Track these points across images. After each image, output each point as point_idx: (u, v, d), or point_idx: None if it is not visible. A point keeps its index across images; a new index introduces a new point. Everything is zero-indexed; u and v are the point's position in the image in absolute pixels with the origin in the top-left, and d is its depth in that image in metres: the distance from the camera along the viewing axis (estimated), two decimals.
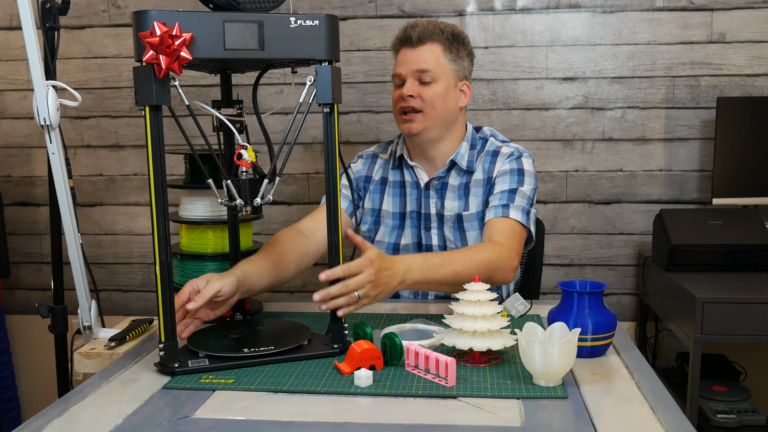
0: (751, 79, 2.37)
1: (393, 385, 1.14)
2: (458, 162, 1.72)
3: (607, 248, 2.50)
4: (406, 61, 1.68)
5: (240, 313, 1.50)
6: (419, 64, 1.66)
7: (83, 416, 1.06)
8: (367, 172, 1.84)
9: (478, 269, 1.47)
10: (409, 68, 1.67)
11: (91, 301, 1.63)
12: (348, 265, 1.31)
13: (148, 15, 1.11)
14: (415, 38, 1.66)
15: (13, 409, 2.63)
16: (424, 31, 1.66)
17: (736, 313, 1.87)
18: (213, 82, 2.54)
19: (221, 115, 1.34)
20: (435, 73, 1.66)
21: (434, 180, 1.74)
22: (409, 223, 1.76)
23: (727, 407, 2.04)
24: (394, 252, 1.77)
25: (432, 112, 1.67)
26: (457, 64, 1.70)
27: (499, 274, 1.52)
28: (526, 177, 1.69)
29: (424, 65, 1.65)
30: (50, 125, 1.50)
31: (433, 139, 1.71)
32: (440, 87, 1.67)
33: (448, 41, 1.68)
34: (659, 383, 1.16)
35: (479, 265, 1.48)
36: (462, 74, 1.72)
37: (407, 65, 1.67)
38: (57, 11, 1.65)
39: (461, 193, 1.73)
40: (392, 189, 1.80)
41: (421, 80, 1.66)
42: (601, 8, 2.38)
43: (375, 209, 1.80)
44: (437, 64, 1.66)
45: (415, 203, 1.76)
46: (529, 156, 1.74)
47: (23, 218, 2.68)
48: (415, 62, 1.66)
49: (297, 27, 1.21)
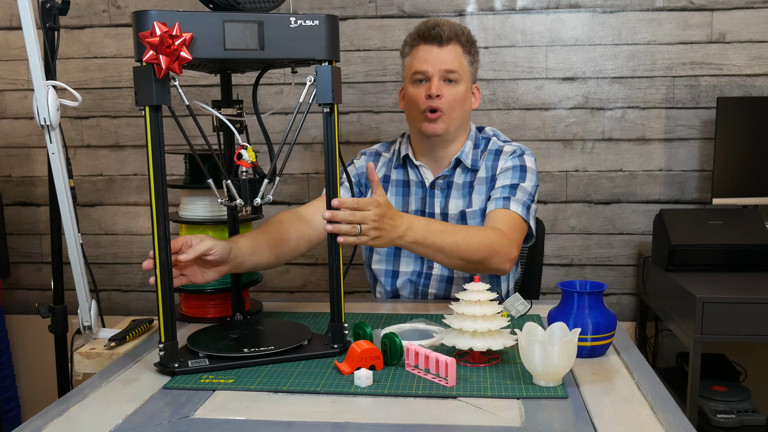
0: (751, 79, 2.37)
1: (393, 385, 1.14)
2: (463, 160, 1.73)
3: (607, 248, 2.50)
4: (433, 60, 1.66)
5: (240, 313, 1.50)
6: (447, 64, 1.65)
7: (83, 416, 1.06)
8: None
9: (477, 247, 1.48)
10: (437, 67, 1.66)
11: (91, 301, 1.63)
12: (358, 200, 1.33)
13: (148, 15, 1.11)
14: (445, 37, 1.66)
15: (13, 409, 2.63)
16: (451, 31, 1.66)
17: (736, 313, 1.87)
18: (213, 82, 2.54)
19: (221, 115, 1.34)
20: (459, 74, 1.67)
21: (440, 179, 1.74)
22: None
23: (727, 407, 2.04)
24: (396, 250, 1.77)
25: (452, 113, 1.67)
26: (473, 67, 1.72)
27: (497, 258, 1.52)
28: (528, 173, 1.70)
29: (451, 65, 1.66)
30: (50, 125, 1.50)
31: (448, 140, 1.72)
32: (462, 88, 1.68)
33: (468, 44, 1.69)
34: (659, 383, 1.16)
35: (480, 243, 1.49)
36: (475, 77, 1.74)
37: (434, 64, 1.66)
38: (57, 11, 1.64)
39: (465, 191, 1.73)
40: (395, 188, 1.80)
41: (447, 80, 1.67)
42: (601, 8, 2.38)
43: None
44: (461, 65, 1.67)
45: (420, 202, 1.76)
46: (531, 154, 1.74)
47: (23, 218, 2.68)
48: (442, 61, 1.66)
49: (297, 27, 1.21)
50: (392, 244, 1.42)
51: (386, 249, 1.78)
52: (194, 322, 1.53)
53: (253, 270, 1.52)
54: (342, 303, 1.31)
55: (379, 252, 1.80)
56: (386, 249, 1.78)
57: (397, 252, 1.77)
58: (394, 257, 1.78)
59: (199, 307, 1.55)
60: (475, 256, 1.50)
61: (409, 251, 1.74)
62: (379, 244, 1.39)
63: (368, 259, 1.83)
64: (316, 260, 2.61)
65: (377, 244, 1.38)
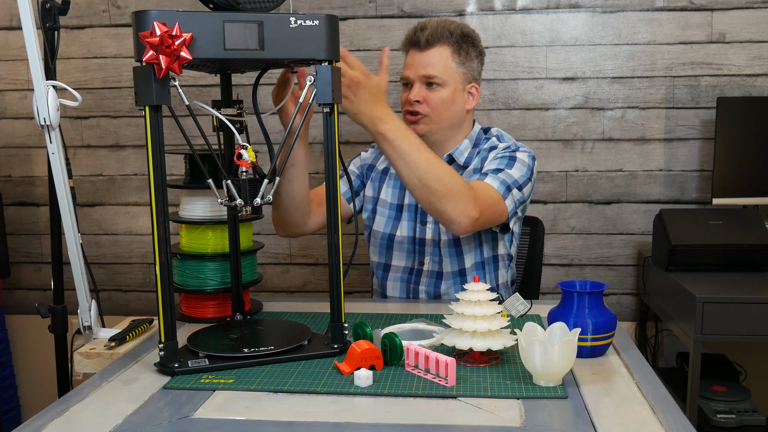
0: (751, 79, 2.37)
1: (393, 385, 1.14)
2: (456, 158, 1.72)
3: (607, 248, 2.50)
4: (414, 65, 1.67)
5: (240, 313, 1.50)
6: (426, 69, 1.66)
7: (83, 416, 1.06)
8: (372, 161, 1.86)
9: (440, 177, 1.48)
10: (417, 72, 1.67)
11: (91, 301, 1.63)
12: (355, 60, 1.44)
13: (148, 15, 1.11)
14: (423, 41, 1.65)
15: (13, 409, 2.63)
16: (433, 34, 1.65)
17: (736, 313, 1.87)
18: (213, 82, 2.54)
19: (221, 115, 1.34)
20: (442, 78, 1.66)
21: None
22: (406, 216, 1.77)
23: (727, 407, 2.04)
24: (389, 243, 1.78)
25: (437, 116, 1.67)
26: (466, 67, 1.69)
27: (453, 203, 1.48)
28: (517, 164, 1.65)
29: (431, 70, 1.65)
30: (50, 125, 1.50)
31: (437, 141, 1.71)
32: (447, 92, 1.67)
33: (457, 43, 1.67)
34: (659, 383, 1.16)
35: (444, 176, 1.48)
36: (471, 76, 1.71)
37: (415, 69, 1.67)
38: (57, 11, 1.64)
39: None
40: (392, 180, 1.80)
41: (428, 84, 1.66)
42: (601, 8, 2.38)
43: (374, 197, 1.82)
44: (445, 68, 1.66)
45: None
46: (527, 151, 1.70)
47: (23, 218, 2.68)
48: (422, 66, 1.66)
49: (297, 27, 1.21)
50: (360, 120, 1.47)
51: (382, 238, 1.78)
52: (194, 322, 1.53)
53: (281, 199, 1.61)
54: (342, 303, 1.31)
55: (374, 244, 1.82)
56: (382, 238, 1.78)
57: (389, 245, 1.77)
58: (387, 250, 1.78)
59: (199, 307, 1.55)
60: (433, 185, 1.47)
61: (403, 244, 1.75)
62: (350, 111, 1.46)
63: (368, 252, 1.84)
64: (316, 260, 2.61)
65: (348, 110, 1.46)
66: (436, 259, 1.74)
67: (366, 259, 2.58)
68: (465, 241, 1.71)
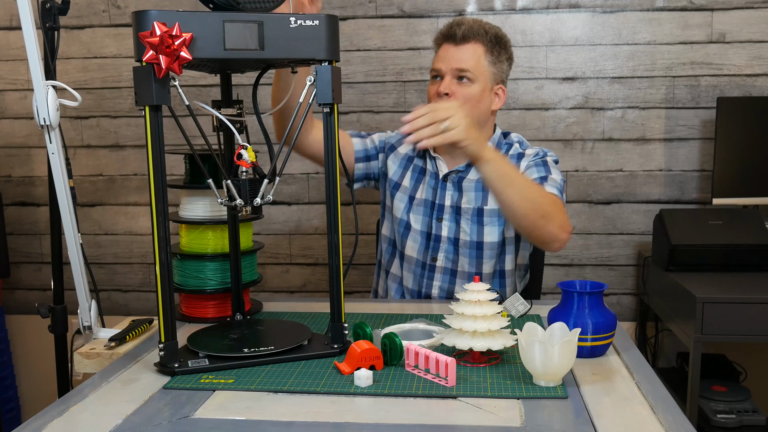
0: (751, 79, 2.37)
1: (393, 385, 1.14)
2: None
3: (607, 248, 2.50)
4: (447, 58, 1.68)
5: (240, 313, 1.50)
6: (460, 63, 1.66)
7: (83, 416, 1.06)
8: (396, 143, 1.86)
9: (545, 199, 1.53)
10: (449, 65, 1.67)
11: (91, 301, 1.63)
12: (434, 104, 1.45)
13: (148, 15, 1.11)
14: (460, 36, 1.67)
15: (13, 409, 2.63)
16: (469, 30, 1.67)
17: (736, 313, 1.87)
18: (213, 82, 2.54)
19: (221, 115, 1.34)
20: (474, 73, 1.66)
21: (452, 173, 1.75)
22: (420, 210, 1.77)
23: (727, 407, 2.04)
24: (405, 230, 1.78)
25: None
26: (496, 67, 1.70)
27: (557, 220, 1.54)
28: (553, 169, 1.69)
29: (464, 64, 1.66)
30: (50, 125, 1.50)
31: None
32: (477, 88, 1.67)
33: (491, 43, 1.68)
34: (659, 383, 1.16)
35: (546, 196, 1.54)
36: (499, 77, 1.72)
37: (447, 62, 1.67)
38: (57, 11, 1.64)
39: (479, 186, 1.73)
40: (413, 172, 1.81)
41: (460, 78, 1.67)
42: (601, 8, 2.38)
43: (397, 182, 1.82)
44: (477, 64, 1.67)
45: (431, 192, 1.76)
46: (553, 155, 1.75)
47: (23, 218, 2.68)
48: (456, 60, 1.67)
49: (297, 27, 1.21)
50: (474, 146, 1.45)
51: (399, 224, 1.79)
52: (194, 322, 1.53)
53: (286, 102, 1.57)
54: (342, 303, 1.31)
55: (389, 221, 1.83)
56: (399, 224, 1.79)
57: (405, 234, 1.78)
58: (401, 238, 1.79)
59: (199, 307, 1.55)
60: (544, 207, 1.52)
61: (416, 236, 1.75)
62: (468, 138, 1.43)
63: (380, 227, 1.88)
64: (316, 260, 2.61)
65: (468, 135, 1.43)
66: (450, 256, 1.74)
67: (366, 259, 2.59)
68: (488, 246, 1.72)
